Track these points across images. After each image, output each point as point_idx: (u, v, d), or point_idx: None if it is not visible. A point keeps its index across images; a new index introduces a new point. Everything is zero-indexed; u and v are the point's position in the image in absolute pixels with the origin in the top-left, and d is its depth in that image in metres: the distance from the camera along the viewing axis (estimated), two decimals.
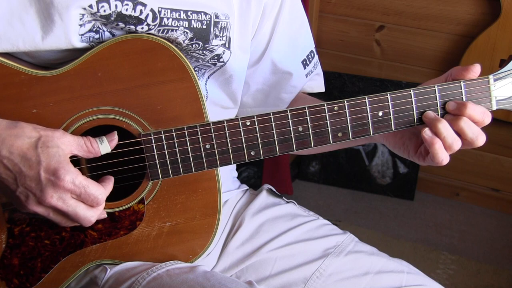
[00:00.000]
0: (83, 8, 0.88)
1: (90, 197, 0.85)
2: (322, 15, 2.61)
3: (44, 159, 0.83)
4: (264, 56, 1.12)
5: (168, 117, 0.93)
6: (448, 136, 0.90)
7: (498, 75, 0.94)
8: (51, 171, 0.83)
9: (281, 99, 1.19)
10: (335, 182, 2.74)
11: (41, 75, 0.89)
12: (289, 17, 1.12)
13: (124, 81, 0.91)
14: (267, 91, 1.18)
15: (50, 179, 0.83)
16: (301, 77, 1.18)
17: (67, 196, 0.84)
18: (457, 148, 0.91)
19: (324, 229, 1.16)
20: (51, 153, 0.83)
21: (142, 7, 0.91)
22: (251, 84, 1.15)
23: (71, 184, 0.83)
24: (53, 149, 0.83)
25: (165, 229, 0.99)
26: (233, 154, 0.93)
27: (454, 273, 2.25)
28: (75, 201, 0.85)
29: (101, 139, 0.89)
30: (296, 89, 1.19)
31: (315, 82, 1.24)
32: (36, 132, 0.84)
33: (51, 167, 0.83)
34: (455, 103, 0.92)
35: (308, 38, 1.20)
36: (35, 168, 0.83)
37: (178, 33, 0.95)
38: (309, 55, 1.19)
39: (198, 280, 0.93)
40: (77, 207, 0.85)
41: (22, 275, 0.96)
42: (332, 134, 0.94)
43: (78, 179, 0.84)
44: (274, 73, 1.15)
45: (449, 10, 2.37)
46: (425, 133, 0.91)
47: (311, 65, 1.20)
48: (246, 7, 1.04)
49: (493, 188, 2.60)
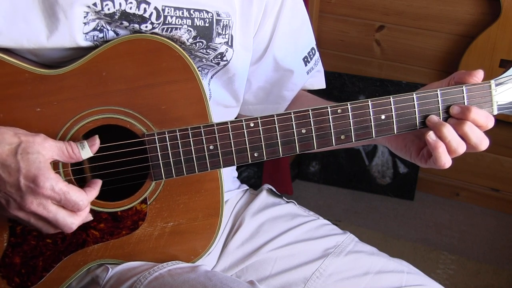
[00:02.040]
0: (87, 6, 0.88)
1: (71, 203, 0.84)
2: (322, 15, 2.61)
3: (24, 166, 0.82)
4: (266, 53, 1.12)
5: (172, 117, 0.93)
6: (453, 140, 0.91)
7: (500, 80, 0.95)
8: (31, 178, 0.82)
9: (282, 97, 1.19)
10: (335, 182, 2.74)
11: (46, 74, 0.89)
12: (291, 14, 1.12)
13: (128, 81, 0.91)
14: (268, 89, 1.18)
15: (30, 186, 0.82)
16: (302, 74, 1.18)
17: (48, 202, 0.83)
18: (462, 152, 0.92)
19: (324, 229, 1.16)
20: (31, 159, 0.82)
21: (146, 5, 0.91)
22: (253, 81, 1.15)
23: (51, 190, 0.82)
24: (33, 155, 0.82)
25: (167, 229, 0.99)
26: (237, 155, 0.93)
27: (454, 273, 2.25)
28: (56, 207, 0.84)
29: (82, 144, 0.88)
30: (297, 86, 1.19)
31: (316, 79, 1.24)
32: (17, 138, 0.83)
33: (30, 174, 0.82)
34: (459, 107, 0.93)
35: (309, 35, 1.20)
36: (14, 175, 0.82)
37: (182, 32, 0.95)
38: (310, 52, 1.19)
39: (199, 279, 0.93)
40: (58, 213, 0.84)
41: (23, 274, 0.97)
42: (335, 137, 0.94)
43: (58, 185, 0.83)
44: (276, 70, 1.15)
45: (449, 10, 2.37)
46: (429, 136, 0.91)
47: (312, 62, 1.20)
48: (248, 5, 1.04)
49: (493, 188, 2.61)
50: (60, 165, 0.92)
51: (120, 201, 0.96)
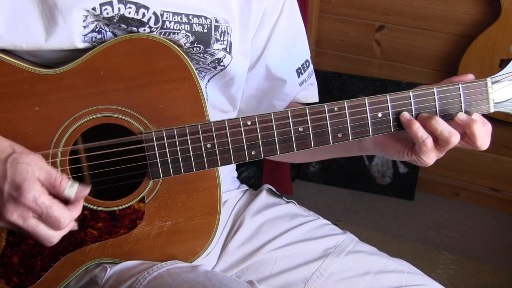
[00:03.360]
0: (86, 10, 0.88)
1: (52, 220, 0.81)
2: (322, 15, 2.61)
3: (10, 173, 0.80)
4: (259, 61, 1.13)
5: (169, 116, 0.93)
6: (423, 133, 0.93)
7: (496, 78, 0.95)
8: (15, 186, 0.80)
9: (273, 106, 1.19)
10: (335, 182, 2.74)
11: (44, 73, 0.89)
12: (287, 24, 1.12)
13: (126, 80, 0.91)
14: (260, 97, 1.18)
15: (13, 194, 0.80)
16: (294, 85, 1.18)
17: (28, 215, 0.81)
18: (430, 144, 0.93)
19: (324, 229, 1.16)
20: (19, 168, 0.80)
21: (145, 10, 0.91)
22: (245, 89, 1.15)
23: (33, 202, 0.80)
24: (23, 165, 0.81)
25: (165, 228, 0.99)
26: (234, 154, 0.94)
27: (454, 273, 2.25)
28: (35, 220, 0.81)
29: (73, 184, 0.84)
30: (288, 97, 1.19)
31: (309, 92, 1.24)
32: (11, 149, 0.83)
33: (15, 182, 0.80)
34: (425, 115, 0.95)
35: (304, 47, 1.20)
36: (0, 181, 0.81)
37: (179, 36, 0.95)
38: (304, 64, 1.19)
39: (199, 279, 0.93)
40: (37, 227, 0.82)
41: (21, 274, 0.96)
42: (332, 135, 0.94)
43: (41, 198, 0.80)
44: (268, 79, 1.15)
45: (449, 10, 2.37)
46: (402, 116, 0.94)
47: (306, 74, 1.20)
48: (247, 12, 1.04)
49: (493, 188, 2.60)
50: (59, 153, 0.91)
51: (118, 200, 0.96)
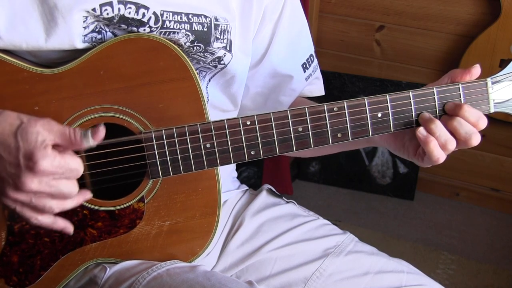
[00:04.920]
0: (86, 11, 0.88)
1: (73, 172, 0.83)
2: (322, 15, 2.61)
3: (23, 144, 0.81)
4: (264, 59, 1.13)
5: (169, 116, 0.93)
6: (441, 135, 0.92)
7: (496, 78, 0.95)
8: (28, 156, 0.80)
9: (280, 102, 1.19)
10: (335, 182, 2.74)
11: (44, 73, 0.90)
12: (290, 20, 1.12)
13: (126, 79, 0.91)
14: (266, 94, 1.18)
15: (29, 165, 0.80)
16: (300, 80, 1.18)
17: (49, 179, 0.82)
18: (452, 147, 0.93)
19: (324, 229, 1.16)
20: (30, 138, 0.81)
21: (145, 10, 0.91)
22: (251, 87, 1.15)
23: (50, 167, 0.81)
24: (33, 134, 0.81)
25: (164, 228, 0.99)
26: (233, 154, 0.93)
27: (454, 273, 2.25)
28: (56, 181, 0.83)
29: (86, 132, 0.85)
30: (295, 92, 1.19)
31: (315, 86, 1.24)
32: (19, 120, 0.83)
33: (27, 153, 0.80)
34: (452, 104, 0.94)
35: (308, 42, 1.20)
36: (14, 154, 0.81)
37: (179, 36, 0.95)
38: (308, 58, 1.19)
39: (198, 279, 0.93)
40: (59, 184, 0.83)
41: (21, 273, 0.97)
42: (331, 135, 0.94)
43: (56, 161, 0.81)
44: (274, 76, 1.15)
45: (449, 10, 2.37)
46: (419, 132, 0.93)
47: (311, 68, 1.20)
48: (248, 10, 1.04)
49: (493, 188, 2.60)
50: None
51: (117, 199, 0.96)
